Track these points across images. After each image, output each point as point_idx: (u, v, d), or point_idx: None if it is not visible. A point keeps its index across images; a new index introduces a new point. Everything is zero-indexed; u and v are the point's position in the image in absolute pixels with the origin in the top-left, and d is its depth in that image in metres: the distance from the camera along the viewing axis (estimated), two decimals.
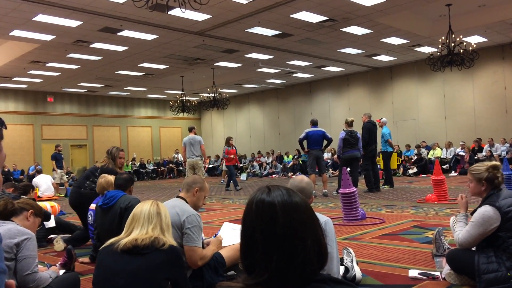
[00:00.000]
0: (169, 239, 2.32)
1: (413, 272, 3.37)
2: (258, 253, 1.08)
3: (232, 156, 12.46)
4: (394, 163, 10.88)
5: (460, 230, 3.13)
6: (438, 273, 3.30)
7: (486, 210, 2.95)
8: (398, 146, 16.88)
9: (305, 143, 9.80)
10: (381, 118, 10.99)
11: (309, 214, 1.13)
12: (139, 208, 2.44)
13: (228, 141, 12.74)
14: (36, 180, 11.55)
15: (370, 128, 9.87)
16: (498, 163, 3.21)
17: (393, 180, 10.81)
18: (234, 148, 12.83)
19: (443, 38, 11.69)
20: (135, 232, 2.32)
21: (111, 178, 4.50)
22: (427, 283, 3.19)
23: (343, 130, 9.53)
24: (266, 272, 1.06)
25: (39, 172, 13.17)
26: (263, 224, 1.09)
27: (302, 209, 1.12)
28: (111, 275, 2.14)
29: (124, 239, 2.30)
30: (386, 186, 10.54)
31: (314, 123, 9.77)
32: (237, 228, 4.21)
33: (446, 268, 3.22)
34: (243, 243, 1.14)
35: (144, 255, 2.19)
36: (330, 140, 9.70)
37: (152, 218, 2.36)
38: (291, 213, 1.10)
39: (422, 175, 14.68)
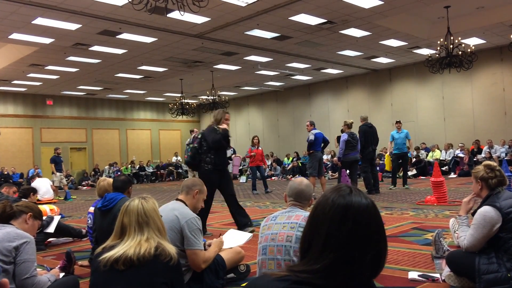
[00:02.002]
0: (168, 246, 2.17)
1: (413, 274, 3.36)
2: (318, 245, 1.09)
3: (252, 155, 11.62)
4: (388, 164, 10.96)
5: (464, 234, 3.13)
6: (438, 275, 3.29)
7: (486, 211, 2.94)
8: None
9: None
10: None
11: (379, 230, 1.11)
12: (126, 215, 2.22)
13: (252, 140, 11.91)
14: (35, 184, 11.52)
15: (366, 130, 9.87)
16: (495, 164, 3.21)
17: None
18: (258, 148, 11.80)
19: (441, 40, 11.71)
20: (125, 245, 2.13)
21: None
22: (426, 285, 3.19)
23: (345, 132, 9.55)
24: (317, 264, 1.07)
25: (37, 176, 13.12)
26: (331, 222, 1.09)
27: (375, 224, 1.10)
28: (108, 281, 2.11)
29: (114, 251, 2.10)
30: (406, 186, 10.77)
31: (314, 125, 9.82)
32: (241, 233, 4.21)
33: (446, 270, 3.22)
34: (307, 229, 1.15)
35: (142, 266, 2.10)
36: (328, 142, 9.82)
37: (142, 228, 2.17)
38: (361, 223, 1.09)
39: (422, 177, 14.68)
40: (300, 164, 18.67)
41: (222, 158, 5.59)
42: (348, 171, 10.36)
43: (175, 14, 9.88)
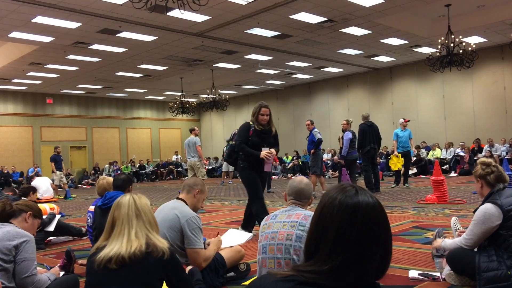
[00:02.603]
0: (159, 241, 2.18)
1: (413, 273, 3.36)
2: (326, 247, 1.08)
3: None
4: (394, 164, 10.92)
5: (456, 239, 3.20)
6: (438, 274, 3.29)
7: (487, 208, 2.96)
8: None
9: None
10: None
11: (386, 228, 1.11)
12: (117, 209, 2.23)
13: None
14: (35, 183, 11.53)
15: (364, 129, 9.87)
16: (490, 160, 3.21)
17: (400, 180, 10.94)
18: None
19: (442, 38, 11.69)
20: (115, 243, 2.13)
21: (112, 179, 4.51)
22: (427, 283, 3.18)
23: (348, 130, 9.59)
24: (325, 265, 1.06)
25: (37, 175, 13.11)
26: (341, 224, 1.08)
27: (382, 222, 1.10)
28: (102, 281, 2.11)
29: (106, 251, 2.11)
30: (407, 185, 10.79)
31: (313, 124, 9.93)
32: (242, 233, 4.20)
33: (446, 269, 3.21)
34: (313, 230, 1.13)
35: (135, 264, 2.09)
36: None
37: (132, 223, 2.16)
38: (370, 222, 1.08)
39: (422, 176, 14.67)
40: (300, 163, 18.66)
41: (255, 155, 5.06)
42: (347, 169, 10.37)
43: (175, 13, 9.87)
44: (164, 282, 2.15)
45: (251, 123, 5.11)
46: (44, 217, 5.57)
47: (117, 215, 2.21)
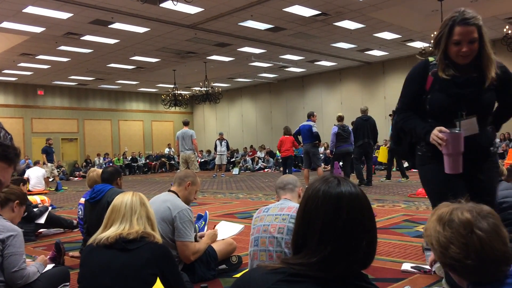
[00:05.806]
0: (156, 235, 2.20)
1: (406, 266, 3.39)
2: (313, 239, 1.10)
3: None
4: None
5: None
6: (429, 267, 3.31)
7: None
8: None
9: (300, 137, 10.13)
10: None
11: (370, 216, 1.13)
12: (120, 199, 2.25)
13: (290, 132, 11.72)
14: (29, 172, 11.56)
15: (358, 123, 9.91)
16: None
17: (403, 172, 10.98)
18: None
19: (435, 33, 11.68)
20: (116, 225, 2.16)
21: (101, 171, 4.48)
22: (417, 276, 3.21)
23: (335, 125, 9.72)
24: (314, 257, 1.07)
25: (28, 167, 13.01)
26: (326, 214, 1.10)
27: (366, 210, 1.12)
28: (96, 273, 2.10)
29: (106, 233, 2.16)
30: (403, 179, 10.83)
31: (307, 117, 10.03)
32: (233, 225, 4.20)
33: (437, 262, 3.24)
34: (299, 223, 1.15)
35: (130, 251, 2.08)
36: (314, 135, 9.71)
37: (135, 208, 2.20)
38: (355, 211, 1.10)
39: (414, 170, 14.75)
40: (293, 157, 18.64)
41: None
42: (341, 163, 10.43)
43: (168, 4, 9.80)
44: (158, 278, 2.14)
45: (431, 61, 2.56)
46: (35, 209, 5.54)
47: (115, 212, 2.22)
